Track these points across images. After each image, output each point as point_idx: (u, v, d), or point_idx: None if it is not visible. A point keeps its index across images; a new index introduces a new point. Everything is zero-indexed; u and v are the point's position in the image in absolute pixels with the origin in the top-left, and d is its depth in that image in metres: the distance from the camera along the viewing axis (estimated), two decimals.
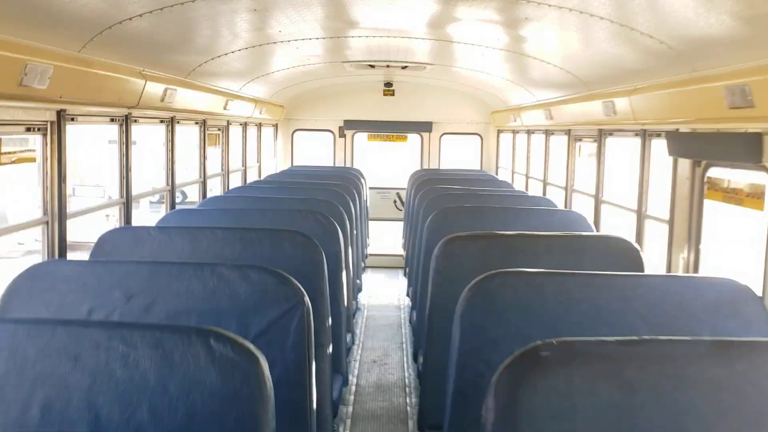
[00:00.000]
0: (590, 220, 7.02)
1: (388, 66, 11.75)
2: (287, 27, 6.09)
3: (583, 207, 8.90)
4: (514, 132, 13.91)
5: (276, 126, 15.65)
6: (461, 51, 8.16)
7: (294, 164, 16.10)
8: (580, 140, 9.61)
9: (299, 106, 15.95)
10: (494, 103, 14.57)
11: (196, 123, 8.95)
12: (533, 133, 12.48)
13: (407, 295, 9.28)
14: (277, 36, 6.57)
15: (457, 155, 16.77)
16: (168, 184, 7.93)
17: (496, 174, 15.70)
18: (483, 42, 7.07)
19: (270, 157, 15.74)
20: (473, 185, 10.24)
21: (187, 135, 9.36)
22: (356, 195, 9.83)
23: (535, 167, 12.17)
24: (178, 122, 7.89)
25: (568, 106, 8.40)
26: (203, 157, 9.30)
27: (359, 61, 10.81)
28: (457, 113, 16.02)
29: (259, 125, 13.93)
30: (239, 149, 12.29)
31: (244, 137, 12.47)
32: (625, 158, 8.54)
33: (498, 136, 15.84)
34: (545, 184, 11.16)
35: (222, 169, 10.71)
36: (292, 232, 4.67)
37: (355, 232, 8.22)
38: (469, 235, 4.78)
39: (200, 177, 9.36)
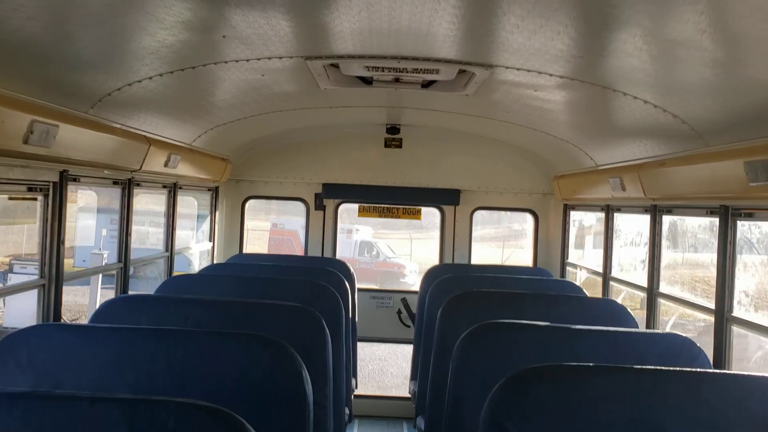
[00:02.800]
0: None
1: (397, 80, 6.15)
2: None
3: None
4: (591, 209, 9.49)
5: (215, 191, 9.82)
6: (509, 77, 5.43)
7: (244, 251, 10.33)
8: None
9: (254, 160, 10.23)
10: (560, 162, 9.22)
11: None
12: (624, 210, 8.30)
13: None
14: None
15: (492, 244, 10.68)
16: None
17: (563, 275, 9.86)
18: (542, 68, 4.86)
19: (202, 240, 9.90)
20: (528, 297, 6.40)
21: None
22: (339, 304, 6.40)
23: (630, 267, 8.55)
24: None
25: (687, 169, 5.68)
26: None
27: (346, 56, 5.26)
28: (500, 177, 10.30)
29: (173, 187, 8.17)
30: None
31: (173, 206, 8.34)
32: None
33: (566, 215, 9.97)
34: (653, 296, 7.06)
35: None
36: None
37: (334, 364, 5.35)
38: None
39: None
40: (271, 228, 29.01)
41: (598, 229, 9.73)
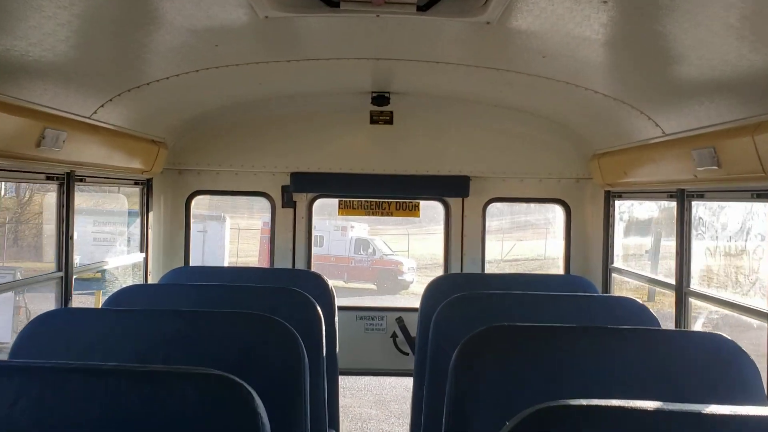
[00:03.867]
0: None
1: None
2: None
3: None
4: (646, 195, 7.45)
5: (146, 185, 7.42)
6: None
7: (191, 263, 7.99)
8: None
9: (200, 143, 7.86)
10: (603, 134, 7.13)
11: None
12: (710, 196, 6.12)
13: None
14: None
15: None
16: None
17: (606, 285, 7.54)
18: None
19: (133, 249, 7.55)
20: (577, 332, 4.39)
21: None
22: (312, 327, 5.26)
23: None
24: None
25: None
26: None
27: None
28: (521, 159, 7.94)
29: (66, 180, 5.82)
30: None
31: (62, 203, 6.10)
32: None
33: (610, 205, 7.60)
34: None
35: None
36: None
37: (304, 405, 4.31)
38: None
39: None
40: (263, 227, 26.73)
41: (659, 224, 7.36)
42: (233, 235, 33.79)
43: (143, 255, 7.56)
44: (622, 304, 5.49)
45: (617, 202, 7.69)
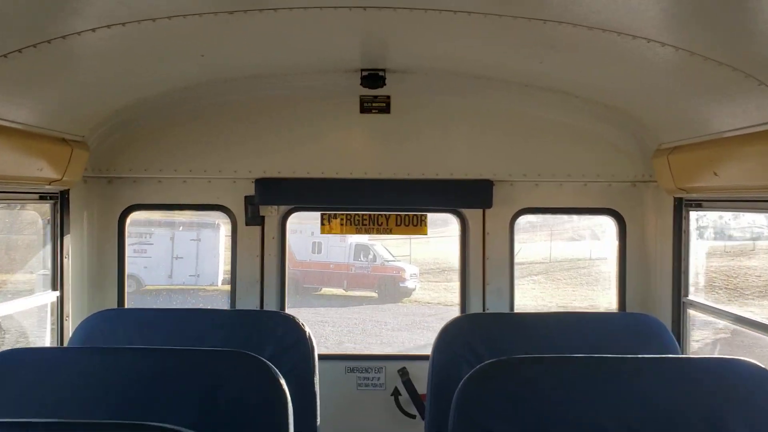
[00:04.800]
0: None
1: None
2: None
3: None
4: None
5: (59, 199, 5.46)
6: None
7: (125, 303, 6.05)
8: None
9: (135, 143, 5.90)
10: (670, 123, 5.28)
11: None
12: None
13: None
14: None
15: None
16: None
17: (678, 324, 5.57)
18: None
19: (38, 288, 5.62)
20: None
21: None
22: (271, 407, 4.02)
23: None
24: None
25: None
26: None
27: None
28: (559, 156, 5.93)
29: None
30: None
31: None
32: None
33: (681, 216, 5.64)
34: None
35: None
36: None
37: None
38: None
39: None
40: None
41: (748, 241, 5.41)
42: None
43: (57, 294, 5.60)
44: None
45: (694, 213, 5.72)
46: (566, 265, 32.30)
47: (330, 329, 24.98)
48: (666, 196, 5.83)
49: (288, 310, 6.07)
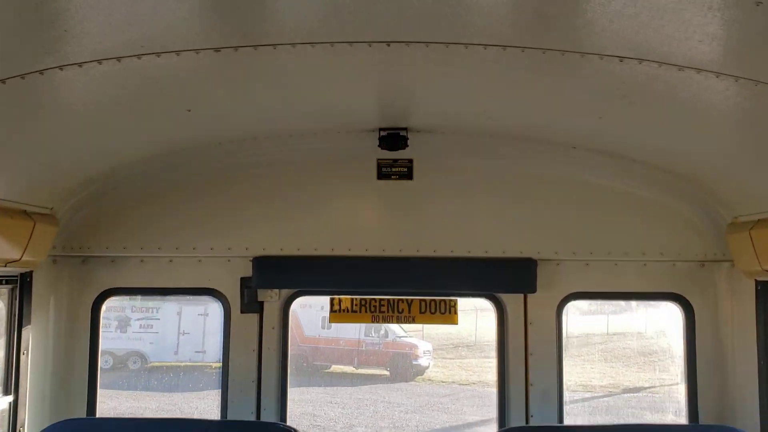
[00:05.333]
0: None
1: None
2: None
3: None
4: None
5: (17, 282, 4.49)
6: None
7: (96, 411, 4.99)
8: None
9: (114, 217, 4.95)
10: (744, 197, 4.51)
11: None
12: None
13: None
14: None
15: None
16: None
17: None
18: None
19: None
20: None
21: None
22: None
23: None
24: None
25: None
26: None
27: None
28: (614, 231, 4.96)
29: None
30: None
31: None
32: None
33: (765, 304, 4.58)
34: None
35: None
36: None
37: None
38: None
39: None
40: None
41: None
42: None
43: (10, 399, 4.59)
44: None
45: None
46: (615, 338, 30.73)
47: (339, 411, 23.70)
48: (744, 279, 4.86)
49: (294, 391, 5.01)
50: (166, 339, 26.63)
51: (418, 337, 34.84)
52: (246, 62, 3.12)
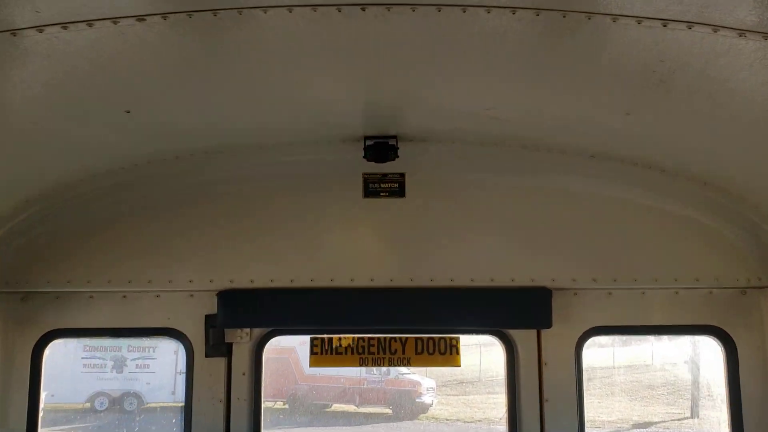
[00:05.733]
0: None
1: None
2: None
3: None
4: None
5: None
6: None
7: None
8: None
9: (54, 245, 4.19)
10: None
11: None
12: None
13: None
14: None
15: None
16: None
17: None
18: None
19: None
20: None
21: None
22: None
23: None
24: None
25: None
26: None
27: None
28: (640, 254, 4.25)
29: None
30: None
31: None
32: None
33: None
34: None
35: None
36: None
37: None
38: None
39: None
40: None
41: None
42: None
43: None
44: None
45: None
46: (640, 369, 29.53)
47: None
48: None
49: None
50: (163, 379, 25.73)
51: (420, 373, 33.92)
52: (202, 35, 2.44)
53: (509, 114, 3.57)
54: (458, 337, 4.49)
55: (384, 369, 32.70)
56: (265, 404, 4.34)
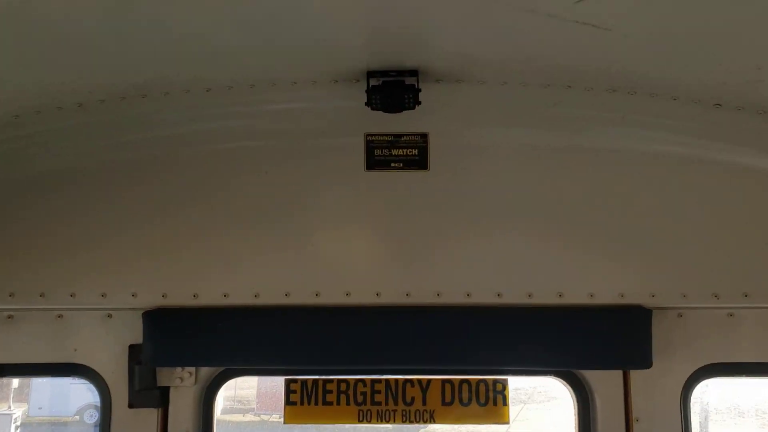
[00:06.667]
0: None
1: None
2: None
3: None
4: None
5: None
6: None
7: None
8: None
9: None
10: None
11: None
12: None
13: None
14: None
15: None
16: None
17: None
18: None
19: None
20: None
21: None
22: None
23: None
24: None
25: None
26: None
27: None
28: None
29: None
30: None
31: None
32: None
33: None
34: None
35: None
36: None
37: None
38: None
39: None
40: None
41: None
42: None
43: None
44: None
45: None
46: None
47: None
48: None
49: None
50: None
51: None
52: None
53: (610, 19, 2.11)
54: (506, 380, 3.03)
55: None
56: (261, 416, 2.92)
